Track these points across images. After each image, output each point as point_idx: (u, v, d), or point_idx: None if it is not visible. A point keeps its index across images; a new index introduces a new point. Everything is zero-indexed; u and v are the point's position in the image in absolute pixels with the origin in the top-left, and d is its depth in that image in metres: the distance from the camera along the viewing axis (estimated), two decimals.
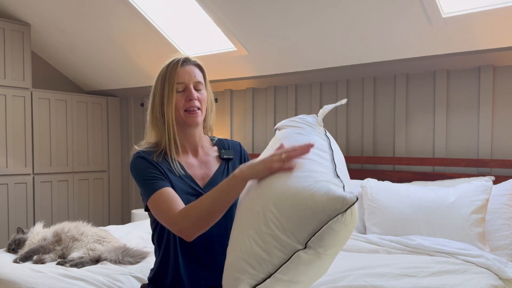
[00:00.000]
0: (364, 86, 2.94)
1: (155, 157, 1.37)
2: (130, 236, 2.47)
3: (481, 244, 2.01)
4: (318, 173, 1.06)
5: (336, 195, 0.96)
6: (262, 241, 1.03)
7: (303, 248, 0.99)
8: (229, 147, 1.51)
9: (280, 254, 1.01)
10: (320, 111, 1.36)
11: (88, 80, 4.28)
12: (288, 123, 1.36)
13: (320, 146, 1.20)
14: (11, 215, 3.57)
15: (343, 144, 3.02)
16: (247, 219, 1.11)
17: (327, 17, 2.50)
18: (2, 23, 3.49)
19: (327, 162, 1.13)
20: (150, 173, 1.32)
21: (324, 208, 0.96)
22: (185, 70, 1.37)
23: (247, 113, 3.52)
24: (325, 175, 1.06)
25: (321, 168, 1.09)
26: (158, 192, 1.28)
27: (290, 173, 1.08)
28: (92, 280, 1.73)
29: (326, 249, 0.99)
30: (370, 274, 1.66)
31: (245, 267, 1.05)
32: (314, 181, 1.03)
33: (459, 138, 2.60)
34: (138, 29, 3.20)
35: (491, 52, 2.33)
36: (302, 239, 0.99)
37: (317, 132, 1.28)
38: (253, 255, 1.04)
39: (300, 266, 1.01)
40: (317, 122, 1.33)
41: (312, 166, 1.09)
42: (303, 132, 1.27)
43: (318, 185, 1.01)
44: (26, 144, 3.66)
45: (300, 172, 1.07)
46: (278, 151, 1.15)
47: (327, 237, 0.97)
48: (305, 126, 1.30)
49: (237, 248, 1.09)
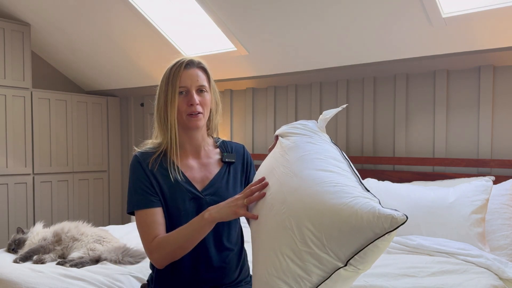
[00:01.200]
0: (364, 86, 2.94)
1: (153, 160, 1.37)
2: (130, 236, 2.47)
3: (481, 244, 2.01)
4: (349, 187, 1.05)
5: (383, 214, 0.95)
6: (299, 259, 1.02)
7: (343, 265, 0.98)
8: (232, 150, 1.50)
9: (319, 272, 1.00)
10: (321, 117, 1.33)
11: (88, 80, 4.28)
12: (290, 130, 1.32)
13: (335, 156, 1.18)
14: (11, 215, 3.57)
15: (343, 144, 3.02)
16: (278, 235, 1.08)
17: (327, 17, 2.50)
18: (2, 23, 3.49)
19: (349, 174, 1.12)
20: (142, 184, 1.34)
21: (372, 226, 0.95)
22: (187, 74, 1.36)
23: (247, 113, 3.52)
24: (357, 190, 1.04)
25: (349, 181, 1.08)
26: (145, 211, 1.33)
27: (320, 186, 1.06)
28: (92, 280, 1.73)
29: (366, 266, 0.99)
30: (370, 274, 1.66)
31: (281, 285, 1.03)
32: (351, 197, 1.01)
33: (459, 138, 2.60)
34: (138, 29, 3.20)
35: (491, 52, 2.33)
36: (344, 257, 0.98)
37: (324, 140, 1.26)
38: (290, 274, 1.02)
39: (338, 283, 1.00)
40: (319, 128, 1.31)
41: (339, 179, 1.07)
42: (312, 141, 1.24)
43: (358, 201, 0.99)
44: (26, 144, 3.66)
45: (331, 187, 1.05)
46: (240, 195, 1.23)
47: (370, 254, 0.96)
48: (311, 133, 1.28)
49: (270, 265, 1.07)
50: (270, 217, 1.13)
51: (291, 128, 1.33)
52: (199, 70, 1.39)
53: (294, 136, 1.29)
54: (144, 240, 1.32)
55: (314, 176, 1.10)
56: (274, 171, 1.22)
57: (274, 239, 1.09)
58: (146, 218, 1.32)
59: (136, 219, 1.35)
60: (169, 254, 1.28)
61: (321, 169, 1.11)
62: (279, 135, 1.36)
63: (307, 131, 1.29)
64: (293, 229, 1.04)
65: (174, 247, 1.26)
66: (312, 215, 1.03)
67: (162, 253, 1.28)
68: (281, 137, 1.34)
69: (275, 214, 1.11)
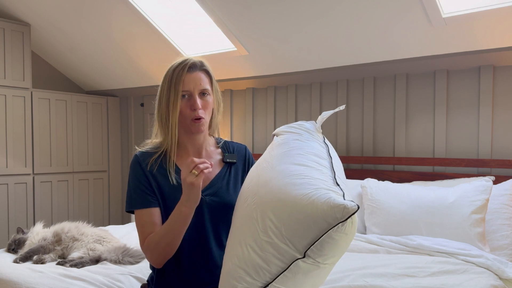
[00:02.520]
0: (364, 86, 2.94)
1: (153, 161, 1.37)
2: (130, 236, 2.47)
3: (481, 244, 2.01)
4: (317, 180, 1.05)
5: (336, 203, 0.95)
6: (260, 249, 1.02)
7: (302, 257, 0.97)
8: (234, 151, 1.49)
9: (278, 263, 1.00)
10: (319, 118, 1.35)
11: (88, 80, 4.28)
12: (286, 129, 1.35)
13: (318, 152, 1.18)
14: (11, 215, 3.57)
15: (343, 144, 3.02)
16: (245, 227, 1.09)
17: (327, 18, 2.50)
18: (2, 23, 3.49)
19: (326, 169, 1.12)
20: (140, 184, 1.35)
21: (325, 216, 0.95)
22: (191, 78, 1.35)
23: (247, 113, 3.52)
24: (324, 182, 1.04)
25: (320, 175, 1.07)
26: (142, 211, 1.34)
27: (289, 178, 1.07)
28: (92, 280, 1.73)
29: (326, 259, 0.98)
30: (370, 274, 1.66)
31: (243, 275, 1.04)
32: (313, 188, 1.01)
33: (459, 138, 2.60)
34: (138, 29, 3.20)
35: (491, 52, 2.33)
36: (301, 247, 0.97)
37: (315, 138, 1.27)
38: (250, 263, 1.03)
39: (298, 276, 0.99)
40: (316, 129, 1.32)
41: (311, 172, 1.08)
42: (300, 138, 1.26)
43: (318, 192, 0.99)
44: (26, 144, 3.66)
45: (299, 179, 1.05)
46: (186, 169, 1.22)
47: (327, 246, 0.96)
48: (303, 132, 1.29)
49: (234, 255, 1.08)
50: (243, 209, 1.15)
51: (287, 128, 1.35)
52: (202, 73, 1.38)
53: (286, 134, 1.31)
54: (140, 240, 1.34)
55: (287, 169, 1.11)
56: (258, 166, 1.24)
57: (241, 230, 1.11)
58: (142, 218, 1.33)
59: (135, 218, 1.37)
60: (160, 252, 1.28)
61: (297, 163, 1.12)
62: (276, 134, 1.38)
63: (300, 130, 1.31)
64: (258, 219, 1.05)
65: (163, 244, 1.27)
66: (275, 206, 1.04)
67: (154, 252, 1.29)
68: (276, 135, 1.36)
69: (246, 206, 1.13)
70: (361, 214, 2.43)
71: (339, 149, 3.04)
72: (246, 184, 1.24)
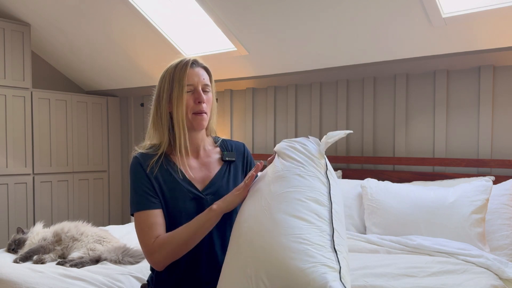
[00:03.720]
0: (364, 86, 2.94)
1: (154, 162, 1.37)
2: (130, 236, 2.47)
3: (481, 244, 2.01)
4: (315, 247, 1.04)
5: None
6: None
7: None
8: (232, 149, 1.50)
9: None
10: (323, 139, 1.28)
11: (88, 80, 4.28)
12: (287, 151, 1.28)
13: (318, 197, 1.16)
14: (11, 215, 3.57)
15: (343, 144, 3.02)
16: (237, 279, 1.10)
17: (327, 17, 2.50)
18: (2, 23, 3.49)
19: (325, 224, 1.11)
20: (142, 185, 1.34)
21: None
22: (194, 72, 1.37)
23: (247, 113, 3.52)
24: (321, 251, 1.03)
25: (316, 238, 1.06)
26: (145, 212, 1.32)
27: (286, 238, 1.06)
28: (92, 280, 1.73)
29: None
30: (370, 274, 1.66)
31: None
32: (311, 262, 1.01)
33: (459, 138, 2.60)
34: (138, 29, 3.20)
35: (491, 52, 2.33)
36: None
37: (317, 169, 1.22)
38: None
39: None
40: (319, 152, 1.27)
41: (309, 234, 1.06)
42: (302, 172, 1.20)
43: (315, 270, 0.99)
44: (26, 144, 3.66)
45: (296, 244, 1.04)
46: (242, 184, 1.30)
47: None
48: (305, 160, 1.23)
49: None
50: (236, 253, 1.15)
51: (289, 148, 1.29)
52: (203, 70, 1.41)
53: (288, 161, 1.25)
54: (145, 241, 1.30)
55: (285, 223, 1.09)
56: (257, 199, 1.21)
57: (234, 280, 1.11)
58: (147, 219, 1.31)
59: (136, 220, 1.34)
60: (170, 253, 1.27)
61: (296, 216, 1.10)
62: (277, 152, 1.33)
63: (303, 156, 1.25)
64: (252, 277, 1.06)
65: (178, 243, 1.26)
66: (270, 270, 1.04)
67: (163, 253, 1.27)
68: (278, 155, 1.31)
69: (240, 253, 1.13)
70: (361, 214, 2.43)
71: (339, 149, 3.04)
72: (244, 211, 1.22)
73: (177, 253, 1.28)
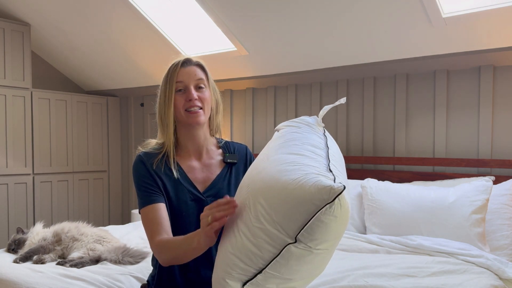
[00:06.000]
0: (364, 86, 2.94)
1: (156, 161, 1.37)
2: (130, 236, 2.47)
3: (481, 244, 2.01)
4: (309, 166, 1.04)
5: (323, 185, 0.95)
6: (252, 235, 1.02)
7: (293, 242, 0.97)
8: (235, 151, 1.49)
9: (270, 249, 0.99)
10: (320, 112, 1.34)
11: (88, 80, 4.28)
12: (287, 124, 1.35)
13: (315, 143, 1.18)
14: (11, 215, 3.57)
15: (343, 144, 3.02)
16: (238, 215, 1.09)
17: (327, 17, 2.50)
18: (2, 23, 3.49)
19: (321, 158, 1.11)
20: (145, 182, 1.34)
21: (312, 198, 0.95)
22: (185, 71, 1.37)
23: (247, 113, 3.52)
24: (316, 168, 1.04)
25: (313, 162, 1.07)
26: (147, 208, 1.32)
27: (281, 166, 1.07)
28: (92, 280, 1.73)
29: (317, 244, 0.97)
30: (370, 274, 1.66)
31: (236, 262, 1.03)
32: (303, 173, 1.01)
33: (459, 138, 2.60)
34: (138, 29, 3.20)
35: (491, 52, 2.33)
36: (292, 232, 0.97)
37: (315, 131, 1.27)
38: (243, 250, 1.03)
39: (291, 262, 0.99)
40: (317, 122, 1.32)
41: (304, 160, 1.08)
42: (299, 131, 1.25)
43: (307, 177, 0.99)
44: (26, 144, 3.66)
45: (290, 166, 1.06)
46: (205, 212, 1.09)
47: (317, 230, 0.95)
48: (303, 125, 1.29)
49: (228, 242, 1.08)
50: (238, 200, 1.14)
51: (288, 122, 1.35)
52: (197, 68, 1.40)
53: (286, 128, 1.31)
54: (149, 239, 1.31)
55: (281, 158, 1.11)
56: (257, 159, 1.24)
57: (235, 218, 1.10)
58: (149, 214, 1.31)
59: (141, 216, 1.35)
60: (169, 260, 1.26)
61: (292, 153, 1.12)
62: (277, 129, 1.38)
63: (301, 124, 1.30)
64: (250, 206, 1.05)
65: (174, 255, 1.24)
66: (266, 192, 1.04)
67: (162, 257, 1.27)
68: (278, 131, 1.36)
69: (241, 196, 1.13)
70: (361, 214, 2.43)
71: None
72: (244, 177, 1.25)
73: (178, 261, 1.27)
